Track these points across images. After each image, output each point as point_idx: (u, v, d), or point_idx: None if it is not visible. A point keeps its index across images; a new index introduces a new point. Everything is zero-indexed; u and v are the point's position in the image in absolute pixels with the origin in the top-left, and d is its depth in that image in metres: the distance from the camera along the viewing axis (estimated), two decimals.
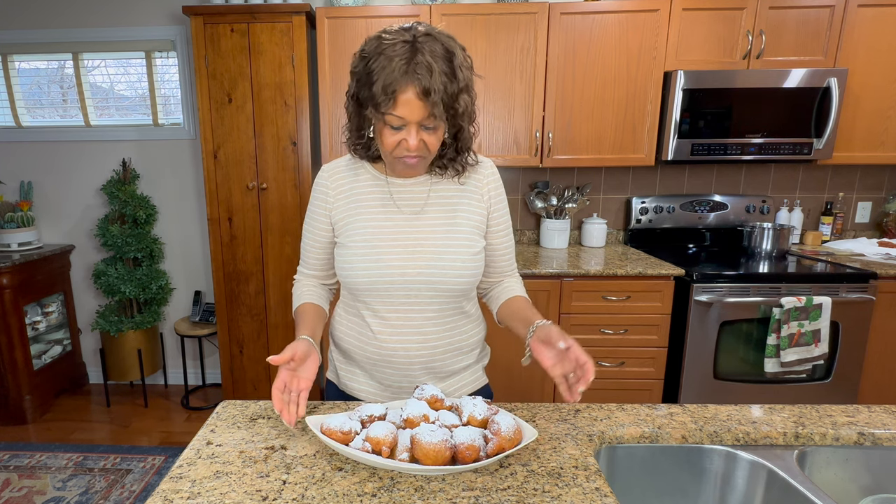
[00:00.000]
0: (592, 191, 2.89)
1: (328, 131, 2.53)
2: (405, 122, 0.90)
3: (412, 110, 0.88)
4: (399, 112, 0.88)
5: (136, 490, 2.21)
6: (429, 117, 0.89)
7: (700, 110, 2.40)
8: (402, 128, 0.91)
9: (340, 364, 1.15)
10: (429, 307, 1.03)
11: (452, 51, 0.90)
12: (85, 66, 2.98)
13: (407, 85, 0.86)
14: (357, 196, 1.06)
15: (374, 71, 0.88)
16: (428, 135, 0.93)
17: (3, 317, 2.69)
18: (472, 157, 1.07)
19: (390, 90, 0.87)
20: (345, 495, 0.75)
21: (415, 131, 0.91)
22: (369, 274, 1.01)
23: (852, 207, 2.87)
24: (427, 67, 0.86)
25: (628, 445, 0.94)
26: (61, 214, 3.12)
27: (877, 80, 2.42)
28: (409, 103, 0.88)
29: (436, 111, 0.88)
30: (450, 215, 1.05)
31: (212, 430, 0.94)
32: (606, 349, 2.34)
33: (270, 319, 2.73)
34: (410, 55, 0.86)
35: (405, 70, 0.86)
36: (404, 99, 0.87)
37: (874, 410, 1.03)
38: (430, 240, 1.02)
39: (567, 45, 2.43)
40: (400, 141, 0.93)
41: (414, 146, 0.92)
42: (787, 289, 2.20)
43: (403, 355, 1.04)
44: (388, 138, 0.93)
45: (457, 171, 1.06)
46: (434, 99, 0.87)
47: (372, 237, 1.03)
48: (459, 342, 1.09)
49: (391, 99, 0.87)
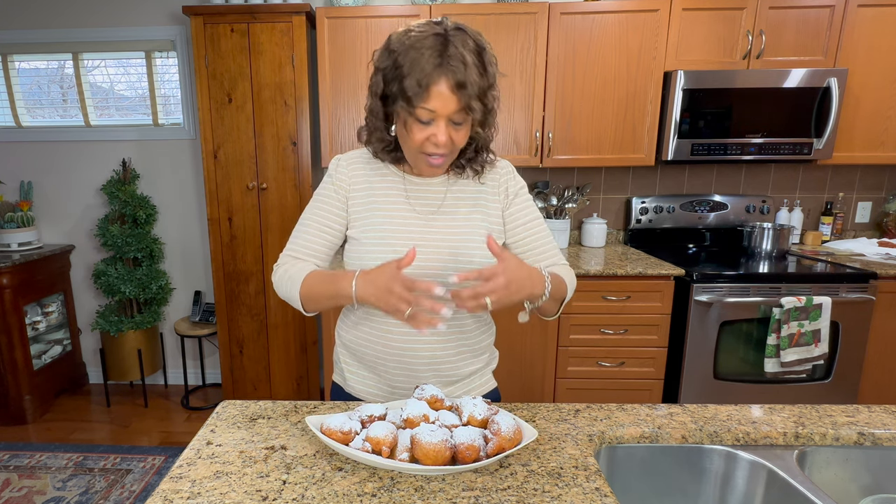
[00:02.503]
0: (592, 191, 2.89)
1: (328, 131, 2.53)
2: (435, 115, 0.89)
3: (444, 103, 0.87)
4: (431, 105, 0.87)
5: (136, 490, 2.21)
6: (459, 111, 0.89)
7: (700, 110, 2.40)
8: (430, 122, 0.90)
9: (348, 366, 1.13)
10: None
11: (483, 45, 0.90)
12: (85, 66, 2.98)
13: (440, 77, 0.85)
14: (374, 191, 1.04)
15: (404, 65, 0.87)
16: (456, 131, 0.92)
17: (3, 317, 2.69)
18: (491, 157, 1.07)
19: (424, 83, 0.85)
20: (345, 495, 0.75)
21: (444, 125, 0.90)
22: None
23: (852, 207, 2.87)
24: (461, 60, 0.85)
25: (628, 445, 0.94)
26: (61, 214, 3.12)
27: (877, 80, 2.42)
28: (441, 96, 0.87)
29: (471, 104, 0.88)
30: (465, 217, 1.04)
31: (212, 430, 0.94)
32: (606, 349, 2.34)
33: (270, 319, 2.73)
34: (443, 48, 0.85)
35: (438, 63, 0.85)
36: (437, 91, 0.86)
37: (874, 410, 1.03)
38: (446, 241, 1.01)
39: (567, 44, 2.43)
40: (428, 136, 0.91)
41: (443, 141, 0.90)
42: (787, 289, 2.20)
43: (412, 355, 1.04)
44: (416, 134, 0.91)
45: (475, 170, 1.04)
46: (469, 92, 0.86)
47: (387, 235, 1.01)
48: (471, 344, 1.09)
49: (424, 91, 0.86)
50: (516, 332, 2.34)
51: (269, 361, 2.77)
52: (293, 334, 2.74)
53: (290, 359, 2.77)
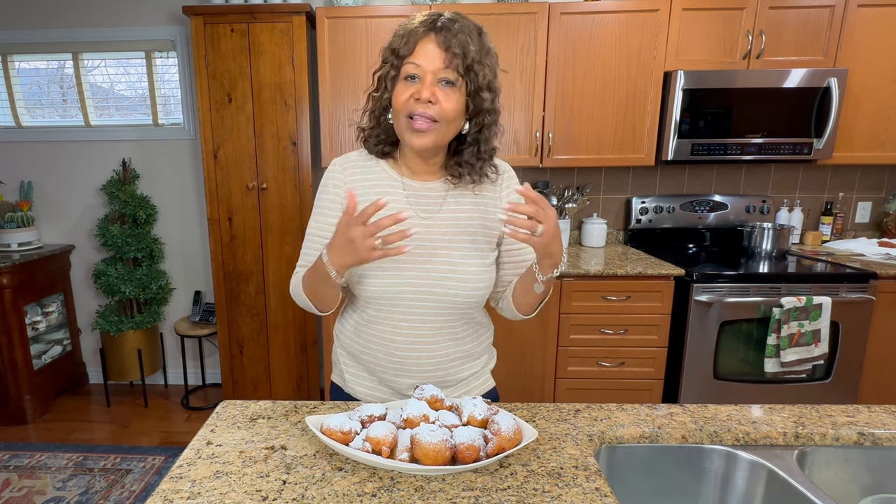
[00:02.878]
0: (592, 191, 2.89)
1: (328, 131, 2.53)
2: (421, 70, 0.91)
3: (430, 58, 0.90)
4: (417, 58, 0.90)
5: (136, 490, 2.21)
6: (446, 69, 0.90)
7: (700, 110, 2.40)
8: (416, 79, 0.91)
9: (347, 367, 1.12)
10: (440, 317, 1.01)
11: (482, 29, 0.94)
12: (85, 66, 2.98)
13: (428, 34, 0.90)
14: (372, 195, 1.01)
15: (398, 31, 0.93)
16: (444, 93, 0.91)
17: (3, 317, 2.69)
18: (493, 168, 1.04)
19: (412, 38, 0.91)
20: (345, 495, 0.75)
21: (429, 81, 0.90)
22: (381, 283, 0.99)
23: (852, 207, 2.87)
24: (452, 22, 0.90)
25: (628, 445, 0.94)
26: (61, 214, 3.12)
27: (877, 80, 2.42)
28: (428, 51, 0.90)
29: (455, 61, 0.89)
30: (464, 224, 1.02)
31: (212, 430, 0.94)
32: (606, 349, 2.34)
33: (270, 319, 2.73)
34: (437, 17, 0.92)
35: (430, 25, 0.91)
36: (424, 46, 0.90)
37: (874, 410, 1.03)
38: (445, 250, 1.00)
39: (567, 45, 2.43)
40: (412, 93, 0.91)
41: (426, 95, 0.90)
42: (787, 289, 2.20)
43: (414, 363, 1.04)
44: (401, 94, 0.93)
45: (473, 180, 1.02)
46: (453, 47, 0.88)
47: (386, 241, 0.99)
48: (469, 349, 1.09)
49: (412, 45, 0.90)
50: (516, 332, 2.34)
51: (269, 361, 2.77)
52: (293, 334, 2.74)
53: (290, 359, 2.77)
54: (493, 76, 0.95)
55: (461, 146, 1.01)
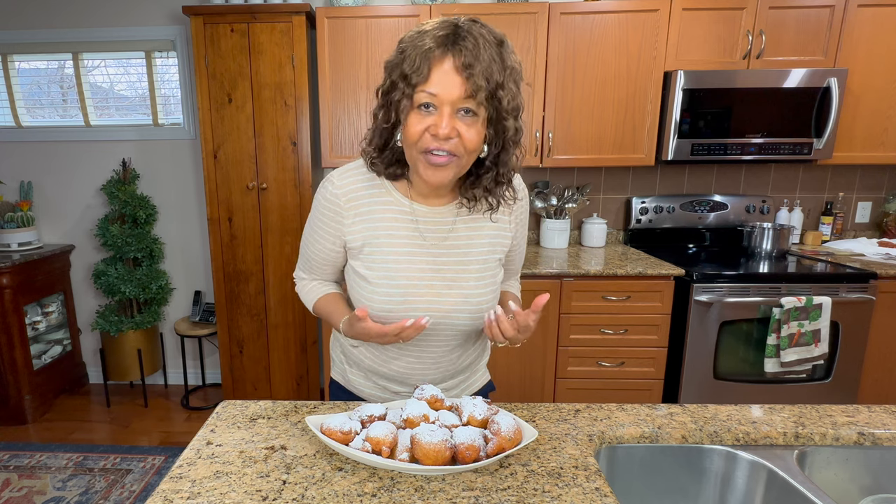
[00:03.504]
0: (592, 191, 2.89)
1: (328, 131, 2.53)
2: (437, 100, 0.76)
3: (448, 86, 0.74)
4: (432, 87, 0.75)
5: (136, 490, 2.21)
6: (467, 98, 0.75)
7: (700, 110, 2.40)
8: (431, 110, 0.77)
9: (349, 366, 1.13)
10: (449, 342, 1.01)
11: (502, 39, 0.80)
12: (85, 66, 2.98)
13: (445, 55, 0.74)
14: (377, 222, 0.93)
15: (407, 49, 0.77)
16: (465, 125, 0.77)
17: (3, 317, 2.69)
18: (511, 192, 0.91)
19: (426, 60, 0.74)
20: (345, 495, 0.75)
21: (448, 113, 0.76)
22: (391, 310, 0.93)
23: (852, 207, 2.87)
24: (473, 40, 0.74)
25: (628, 445, 0.94)
26: (61, 214, 3.12)
27: (877, 80, 2.42)
28: (445, 76, 0.74)
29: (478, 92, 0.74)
30: (477, 251, 0.96)
31: (212, 430, 0.94)
32: (606, 349, 2.34)
33: (270, 319, 2.73)
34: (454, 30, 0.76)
35: (445, 41, 0.74)
36: (440, 71, 0.74)
37: (874, 410, 1.03)
38: (457, 280, 0.94)
39: (567, 45, 2.43)
40: (428, 126, 0.77)
41: (445, 132, 0.76)
42: (787, 289, 2.20)
43: (419, 378, 1.05)
44: (413, 125, 0.78)
45: (490, 205, 0.91)
46: (475, 73, 0.73)
47: (395, 273, 0.93)
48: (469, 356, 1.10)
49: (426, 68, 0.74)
50: None
51: (269, 361, 2.77)
52: (293, 334, 2.74)
53: (289, 359, 2.76)
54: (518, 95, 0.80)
55: (479, 170, 0.88)
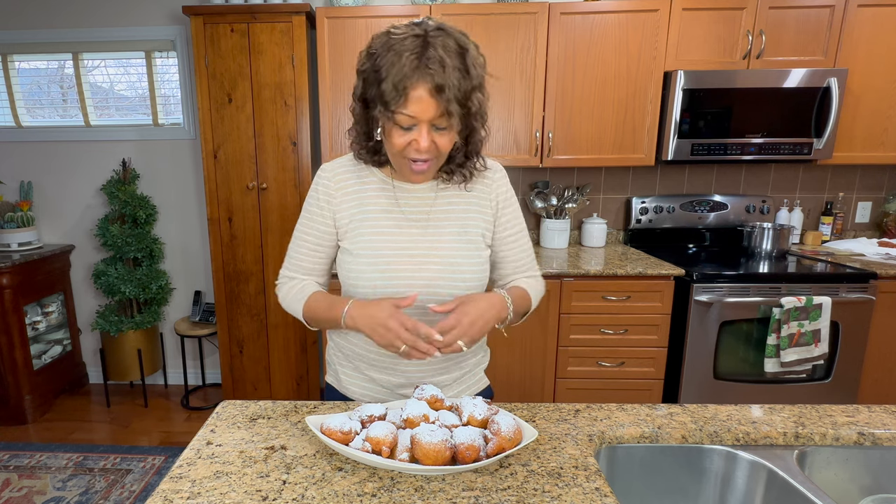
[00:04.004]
0: (592, 191, 2.89)
1: (328, 131, 2.53)
2: (416, 120, 0.86)
3: (424, 108, 0.84)
4: (410, 110, 0.84)
5: (136, 490, 2.21)
6: (441, 116, 0.86)
7: (700, 110, 2.40)
8: (412, 128, 0.87)
9: (342, 367, 1.13)
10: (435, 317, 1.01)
11: (466, 46, 0.86)
12: (85, 66, 2.98)
13: (418, 81, 0.82)
14: (363, 199, 1.03)
15: (382, 67, 0.84)
16: (439, 136, 0.89)
17: (3, 317, 2.69)
18: (481, 162, 1.04)
19: (401, 87, 0.83)
20: (345, 495, 0.75)
21: (426, 131, 0.87)
22: (376, 284, 0.99)
23: (852, 207, 2.87)
24: (440, 62, 0.82)
25: (628, 445, 0.94)
26: (61, 214, 3.12)
27: (877, 80, 2.42)
28: (420, 100, 0.84)
29: (450, 109, 0.84)
30: (457, 223, 1.03)
31: (212, 430, 0.94)
32: (606, 349, 2.34)
33: (270, 319, 2.73)
34: (422, 50, 0.83)
35: (416, 65, 0.82)
36: (416, 96, 0.83)
37: (874, 410, 1.03)
38: (439, 250, 1.00)
39: (567, 45, 2.43)
40: (410, 142, 0.89)
41: (425, 147, 0.88)
42: (787, 289, 2.20)
43: (408, 361, 1.04)
44: (397, 139, 0.89)
45: (464, 176, 1.02)
46: (448, 96, 0.83)
47: (380, 245, 1.00)
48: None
49: (402, 96, 0.83)
50: (516, 332, 2.34)
51: (269, 361, 2.77)
52: (293, 334, 2.74)
53: (290, 359, 2.77)
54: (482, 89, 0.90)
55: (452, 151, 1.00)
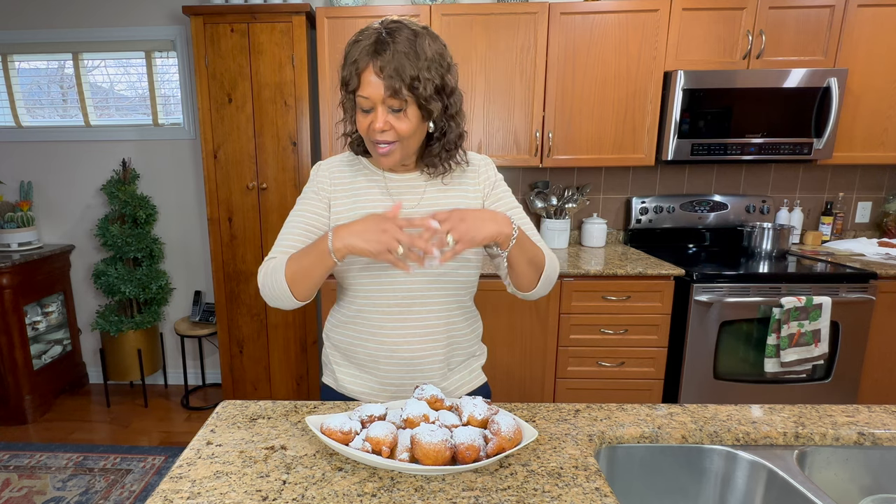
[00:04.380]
0: (592, 191, 2.89)
1: (328, 131, 2.53)
2: (372, 102, 0.92)
3: (374, 89, 0.90)
4: (364, 91, 0.91)
5: (136, 490, 2.21)
6: (392, 97, 0.90)
7: (700, 110, 2.40)
8: (370, 110, 0.94)
9: (339, 366, 1.14)
10: (431, 301, 1.04)
11: (417, 32, 0.92)
12: (85, 66, 2.98)
13: (367, 63, 0.90)
14: (356, 190, 1.07)
15: (347, 56, 0.94)
16: (396, 119, 0.93)
17: (3, 317, 2.69)
18: (461, 155, 1.07)
19: (354, 69, 0.91)
20: (345, 495, 0.75)
21: (380, 112, 0.92)
22: (370, 272, 1.02)
23: (852, 207, 2.87)
24: (387, 46, 0.89)
25: (628, 445, 0.94)
26: (61, 214, 3.12)
27: (877, 80, 2.42)
28: (370, 82, 0.90)
29: (396, 87, 0.89)
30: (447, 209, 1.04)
31: (212, 430, 0.94)
32: (606, 349, 2.34)
33: (270, 319, 2.73)
34: (377, 37, 0.90)
35: (369, 50, 0.90)
36: (366, 78, 0.91)
37: (874, 410, 1.03)
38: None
39: (567, 45, 2.43)
40: (370, 123, 0.94)
41: (379, 127, 0.93)
42: (787, 289, 2.20)
43: (406, 349, 1.04)
44: (360, 121, 0.96)
45: (445, 169, 1.06)
46: (390, 74, 0.88)
47: None
48: (460, 336, 1.10)
49: (356, 78, 0.92)
50: (516, 332, 2.34)
51: (269, 361, 2.77)
52: (293, 334, 2.74)
53: (290, 359, 2.77)
54: (441, 77, 0.93)
55: (430, 143, 1.04)
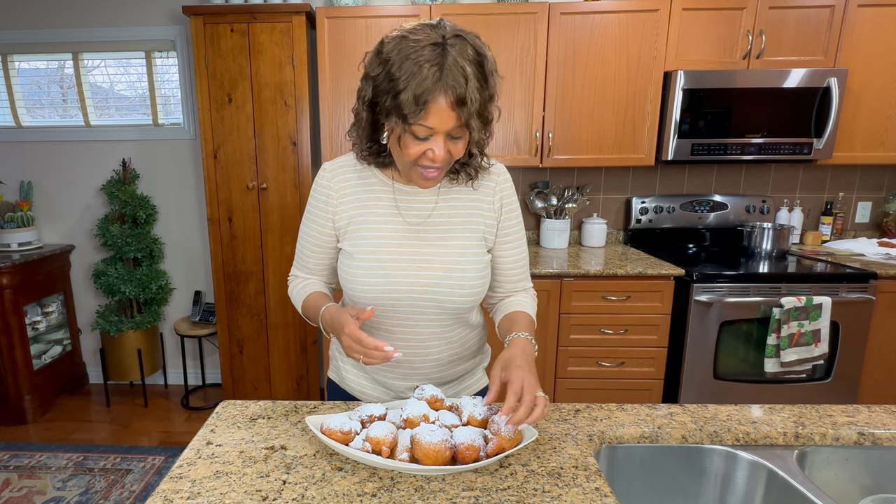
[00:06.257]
0: (592, 191, 2.89)
1: (328, 131, 2.53)
2: (434, 132, 0.85)
3: (443, 120, 0.83)
4: (430, 122, 0.83)
5: (136, 490, 2.21)
6: (459, 127, 0.85)
7: (700, 110, 2.40)
8: (427, 137, 0.86)
9: (344, 365, 1.14)
10: (434, 322, 1.01)
11: (484, 54, 0.85)
12: (85, 66, 2.98)
13: (439, 94, 0.81)
14: (363, 200, 1.01)
15: (399, 78, 0.81)
16: (454, 144, 0.88)
17: (3, 317, 2.69)
18: (486, 160, 1.02)
19: (422, 100, 0.81)
20: (345, 495, 0.75)
21: (442, 141, 0.86)
22: (375, 290, 0.97)
23: (852, 207, 2.87)
24: (462, 73, 0.80)
25: (628, 445, 0.94)
26: (61, 214, 3.12)
27: (877, 80, 2.42)
28: (440, 112, 0.82)
29: (470, 122, 0.84)
30: (457, 226, 1.01)
31: (212, 430, 0.94)
32: (606, 349, 2.34)
33: (270, 319, 2.73)
34: (441, 59, 0.80)
35: (437, 77, 0.80)
36: (436, 108, 0.81)
37: (874, 410, 1.03)
38: (438, 255, 0.98)
39: (567, 45, 2.43)
40: (425, 151, 0.87)
41: (441, 157, 0.86)
42: (787, 289, 2.20)
43: (408, 366, 1.04)
44: (411, 148, 0.87)
45: (469, 175, 1.00)
46: (469, 109, 0.82)
47: (378, 249, 0.98)
48: (462, 351, 1.09)
49: (422, 109, 0.81)
50: None
51: (269, 361, 2.77)
52: (293, 334, 2.74)
53: (290, 359, 2.76)
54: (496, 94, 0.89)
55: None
